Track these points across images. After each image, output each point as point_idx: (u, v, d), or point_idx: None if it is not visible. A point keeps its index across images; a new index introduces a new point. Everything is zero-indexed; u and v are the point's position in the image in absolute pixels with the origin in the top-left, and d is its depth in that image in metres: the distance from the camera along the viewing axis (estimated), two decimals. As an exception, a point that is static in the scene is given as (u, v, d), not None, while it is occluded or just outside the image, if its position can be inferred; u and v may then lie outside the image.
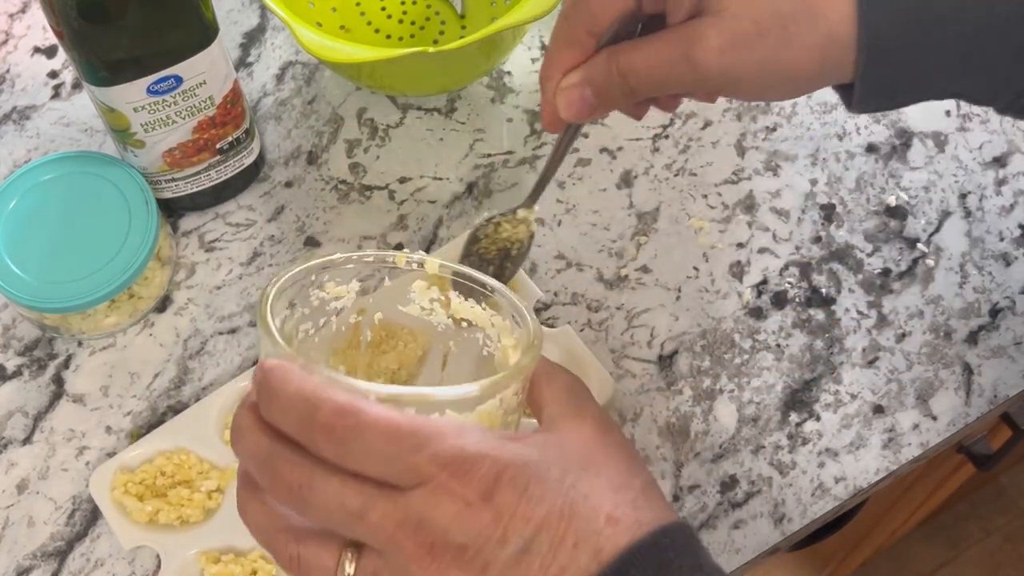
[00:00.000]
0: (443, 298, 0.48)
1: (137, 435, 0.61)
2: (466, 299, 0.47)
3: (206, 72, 0.59)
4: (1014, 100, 0.46)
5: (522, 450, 0.38)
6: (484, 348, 0.47)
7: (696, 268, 0.65)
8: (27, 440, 0.61)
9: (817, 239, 0.66)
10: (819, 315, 0.64)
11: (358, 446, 0.35)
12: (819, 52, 0.43)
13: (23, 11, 0.76)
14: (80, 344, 0.64)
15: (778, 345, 0.63)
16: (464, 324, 0.48)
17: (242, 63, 0.73)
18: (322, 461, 0.36)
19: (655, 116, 0.70)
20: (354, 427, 0.35)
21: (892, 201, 0.67)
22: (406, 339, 0.55)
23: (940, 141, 0.69)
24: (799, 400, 0.61)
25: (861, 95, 0.45)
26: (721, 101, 0.70)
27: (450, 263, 0.48)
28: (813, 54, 0.44)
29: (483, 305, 0.47)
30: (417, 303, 0.48)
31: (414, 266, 0.47)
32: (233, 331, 0.64)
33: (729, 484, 0.59)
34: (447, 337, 0.49)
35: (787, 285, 0.64)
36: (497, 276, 0.58)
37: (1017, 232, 0.66)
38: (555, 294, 0.64)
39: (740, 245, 0.66)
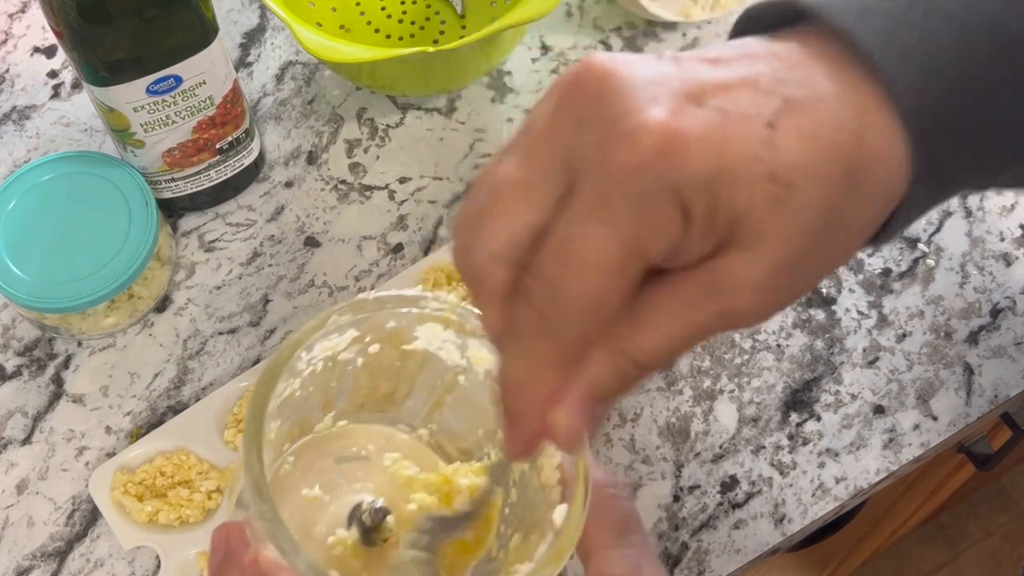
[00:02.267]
0: (460, 341, 0.42)
1: (137, 435, 0.61)
2: (490, 351, 0.41)
3: (206, 72, 0.59)
4: None
5: None
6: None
7: (696, 268, 0.65)
8: (27, 440, 0.61)
9: (817, 239, 0.66)
10: (819, 315, 0.63)
11: None
12: (878, 218, 0.34)
13: (23, 11, 0.76)
14: (80, 344, 0.64)
15: (778, 345, 0.63)
16: (481, 372, 0.42)
17: (242, 63, 0.73)
18: None
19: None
20: None
21: (892, 201, 0.67)
22: (396, 368, 0.47)
23: (940, 141, 0.69)
24: (799, 400, 0.61)
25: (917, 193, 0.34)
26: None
27: (467, 306, 0.41)
28: (871, 228, 0.34)
29: None
30: (424, 340, 0.43)
31: (428, 309, 0.41)
32: (233, 331, 0.64)
33: (729, 484, 0.59)
34: (456, 372, 0.43)
35: (787, 285, 0.64)
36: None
37: (1018, 232, 0.66)
38: (555, 294, 0.64)
39: (740, 245, 0.66)
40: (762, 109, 0.30)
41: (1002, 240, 0.66)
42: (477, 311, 0.41)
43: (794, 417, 0.61)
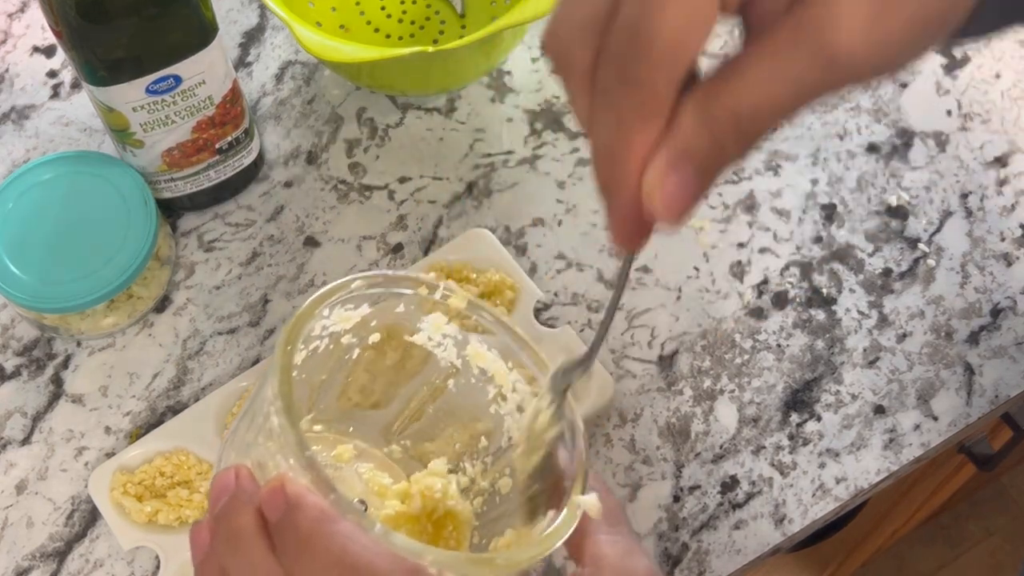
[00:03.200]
0: (459, 337, 0.43)
1: (136, 435, 0.61)
2: (489, 349, 0.42)
3: (205, 72, 0.59)
4: None
5: None
6: (492, 406, 0.43)
7: (697, 268, 0.65)
8: (26, 440, 0.61)
9: (818, 239, 0.66)
10: (820, 315, 0.63)
11: None
12: None
13: (22, 10, 0.76)
14: (79, 344, 0.64)
15: (779, 345, 0.63)
16: (476, 370, 0.43)
17: (241, 63, 0.73)
18: None
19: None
20: None
21: (893, 201, 0.67)
22: (391, 368, 0.47)
23: (941, 141, 0.69)
24: (800, 400, 0.61)
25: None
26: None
27: (485, 305, 0.42)
28: None
29: (509, 364, 0.42)
30: (426, 333, 0.43)
31: (437, 296, 0.42)
32: (232, 331, 0.64)
33: (730, 485, 0.59)
34: (447, 375, 0.44)
35: (788, 285, 0.64)
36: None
37: (1018, 232, 0.66)
38: (555, 294, 0.64)
39: (741, 245, 0.66)
40: None
41: (1002, 240, 0.65)
42: (488, 307, 0.41)
43: (794, 417, 0.61)
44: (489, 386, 0.43)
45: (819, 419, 0.61)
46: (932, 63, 0.72)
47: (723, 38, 0.55)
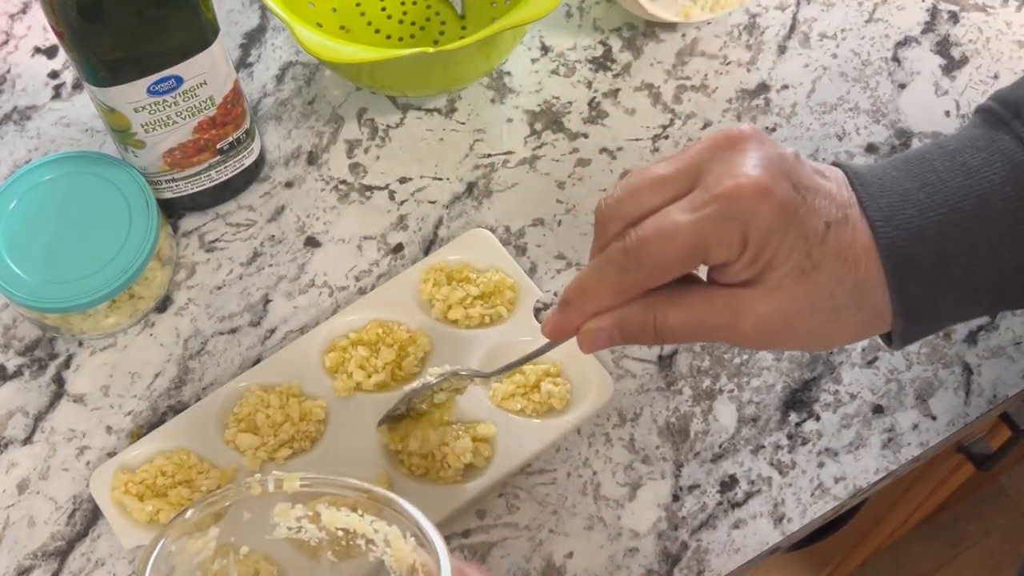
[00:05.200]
0: (311, 513, 0.45)
1: (137, 435, 0.61)
2: (337, 509, 0.45)
3: (206, 72, 0.59)
4: None
5: None
6: (370, 553, 0.45)
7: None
8: (28, 440, 0.61)
9: (817, 239, 0.66)
10: (819, 315, 0.63)
11: None
12: (864, 328, 0.45)
13: (24, 11, 0.76)
14: (80, 344, 0.64)
15: (778, 345, 0.63)
16: (340, 533, 0.45)
17: (242, 63, 0.73)
18: None
19: (655, 116, 0.70)
20: None
21: (892, 201, 0.67)
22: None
23: (940, 141, 0.69)
24: (799, 400, 0.61)
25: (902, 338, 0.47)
26: (721, 100, 0.71)
27: (310, 475, 0.45)
28: (858, 331, 0.46)
29: (359, 511, 0.45)
30: (283, 526, 0.46)
31: (270, 488, 0.45)
32: (233, 331, 0.64)
33: (729, 484, 0.59)
34: (323, 548, 0.46)
35: (787, 285, 0.64)
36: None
37: (1016, 232, 0.66)
38: (555, 294, 0.64)
39: (740, 245, 0.66)
40: (828, 214, 0.43)
41: (1001, 240, 0.66)
42: (320, 478, 0.45)
43: (793, 417, 0.61)
44: (359, 540, 0.45)
45: (818, 419, 0.61)
46: (931, 64, 0.72)
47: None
